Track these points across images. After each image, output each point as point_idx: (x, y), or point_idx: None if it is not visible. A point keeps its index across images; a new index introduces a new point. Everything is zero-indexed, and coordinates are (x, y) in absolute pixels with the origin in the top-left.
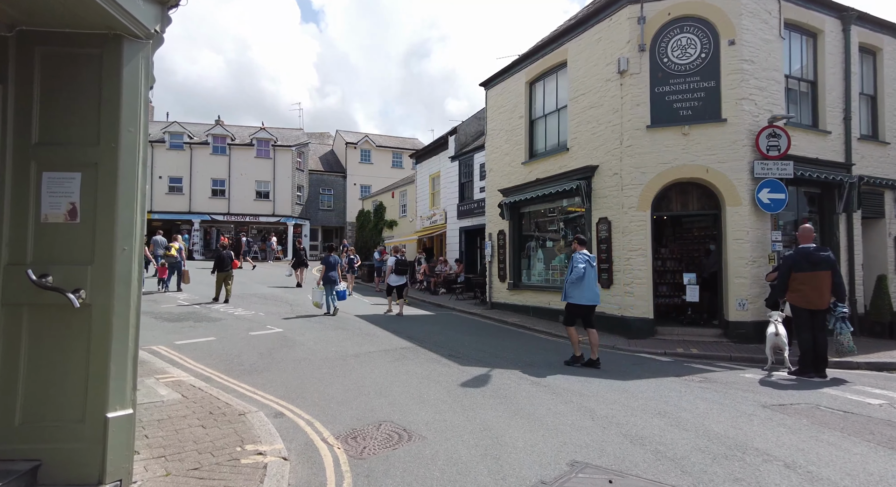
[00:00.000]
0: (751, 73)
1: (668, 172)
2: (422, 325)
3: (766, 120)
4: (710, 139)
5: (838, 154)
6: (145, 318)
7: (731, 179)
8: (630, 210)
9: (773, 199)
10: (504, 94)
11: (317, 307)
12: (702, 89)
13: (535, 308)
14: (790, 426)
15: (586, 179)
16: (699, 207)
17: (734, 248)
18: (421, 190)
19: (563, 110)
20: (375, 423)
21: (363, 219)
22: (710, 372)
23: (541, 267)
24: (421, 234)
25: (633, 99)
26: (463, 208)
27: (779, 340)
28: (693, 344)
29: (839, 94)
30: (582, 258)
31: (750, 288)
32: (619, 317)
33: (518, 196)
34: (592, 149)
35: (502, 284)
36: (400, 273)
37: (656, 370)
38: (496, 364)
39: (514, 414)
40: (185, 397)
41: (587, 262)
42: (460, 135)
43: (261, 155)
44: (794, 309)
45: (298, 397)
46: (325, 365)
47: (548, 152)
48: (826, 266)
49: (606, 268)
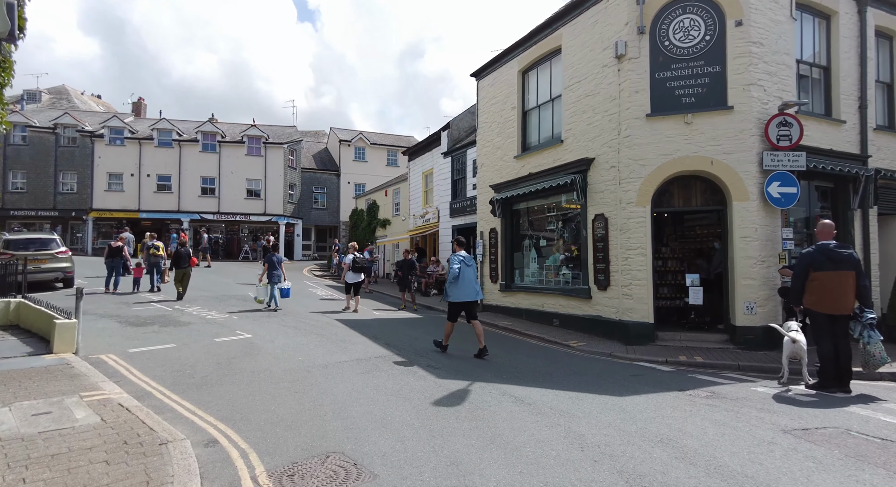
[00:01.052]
0: (759, 56)
1: (670, 165)
2: (405, 330)
3: (777, 107)
4: (715, 128)
5: (853, 145)
6: (108, 322)
7: (737, 172)
8: (628, 205)
9: (784, 194)
10: (496, 85)
11: (259, 303)
12: (706, 74)
13: (528, 311)
14: (820, 460)
15: (581, 173)
16: (703, 203)
17: (741, 247)
18: (414, 188)
19: (558, 100)
20: (322, 455)
21: (356, 217)
22: (718, 385)
23: (535, 268)
24: (413, 233)
25: (631, 85)
26: (456, 206)
27: (797, 348)
28: (697, 351)
29: (854, 81)
30: (457, 259)
31: (759, 290)
32: (617, 322)
33: (510, 192)
34: (588, 140)
35: (494, 286)
36: (357, 270)
37: (657, 382)
38: (478, 375)
39: (489, 443)
40: (104, 421)
41: (462, 263)
42: (453, 130)
43: (252, 152)
44: (813, 314)
45: (243, 419)
46: (285, 377)
47: (541, 145)
48: (850, 265)
49: (603, 269)
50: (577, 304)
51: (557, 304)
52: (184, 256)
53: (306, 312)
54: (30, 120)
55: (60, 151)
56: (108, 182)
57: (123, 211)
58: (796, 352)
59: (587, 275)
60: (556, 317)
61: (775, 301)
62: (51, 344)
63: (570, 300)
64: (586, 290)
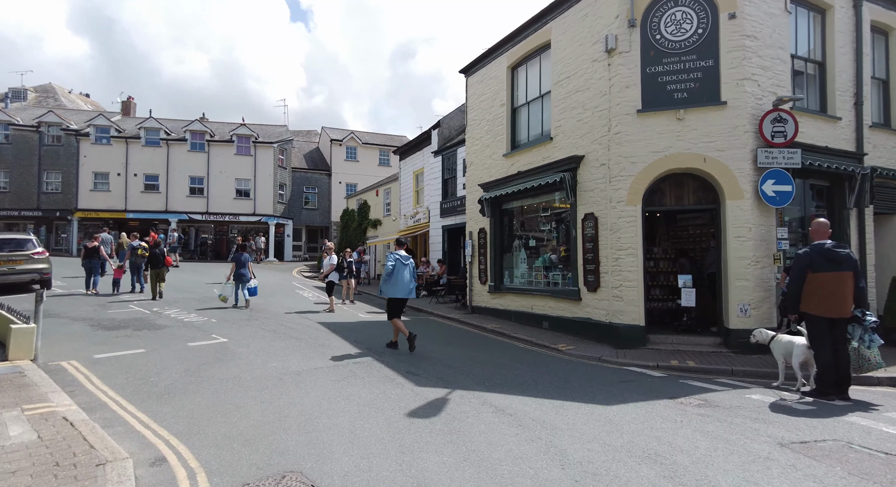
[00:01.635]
0: (753, 50)
1: (661, 162)
2: (389, 334)
3: (771, 103)
4: (708, 124)
5: (849, 142)
6: (80, 326)
7: (731, 169)
8: (619, 204)
9: (779, 192)
10: (485, 81)
11: (223, 301)
12: (699, 69)
13: (517, 313)
14: (821, 478)
15: (571, 171)
16: (695, 201)
17: (735, 247)
18: (405, 187)
19: (547, 96)
20: (278, 475)
21: (347, 218)
22: (710, 392)
23: (524, 269)
24: (404, 234)
25: (622, 80)
26: (446, 206)
27: (811, 354)
28: (689, 354)
29: (849, 77)
30: (392, 257)
31: (753, 291)
32: (608, 324)
33: (499, 190)
34: (578, 137)
35: (483, 287)
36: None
37: (647, 390)
38: (459, 383)
39: (462, 460)
40: (41, 438)
41: (398, 261)
42: (444, 129)
43: (241, 152)
44: (812, 319)
45: (199, 432)
46: (254, 385)
47: (531, 142)
48: (848, 265)
49: (593, 270)
50: (566, 306)
51: (547, 306)
52: (159, 256)
53: (288, 314)
54: (13, 118)
55: (45, 150)
56: (93, 181)
57: (109, 211)
58: (810, 358)
59: (577, 277)
60: (545, 320)
61: (770, 303)
62: (6, 351)
63: (560, 302)
64: (576, 292)
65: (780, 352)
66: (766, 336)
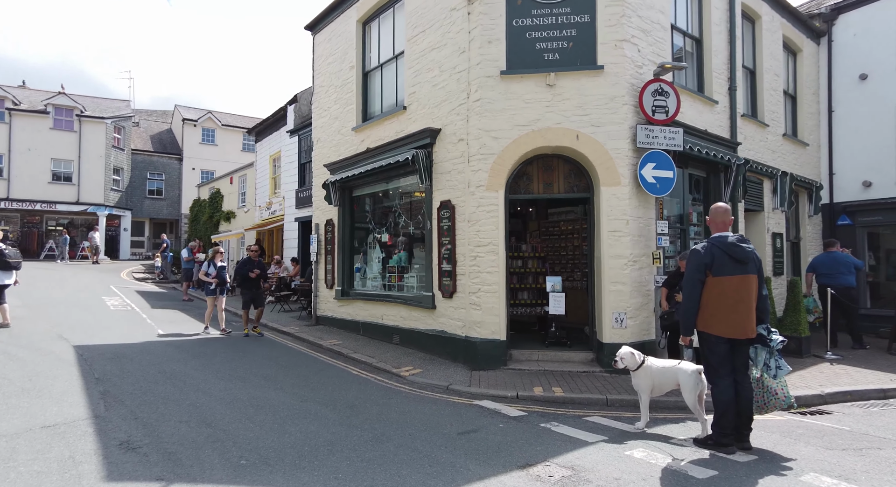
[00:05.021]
0: (633, 8)
1: (528, 138)
2: (167, 361)
3: (652, 72)
4: (583, 93)
5: (724, 129)
6: None
7: (607, 149)
8: (478, 189)
9: (660, 178)
10: (333, 40)
11: None
12: (573, 25)
13: (365, 324)
14: None
15: (425, 148)
16: (567, 188)
17: (610, 243)
18: (261, 174)
19: (402, 57)
20: None
21: (197, 209)
22: (580, 449)
23: (377, 270)
24: (259, 228)
25: (483, 33)
26: (302, 195)
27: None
28: (557, 376)
29: (724, 60)
30: None
31: (630, 297)
32: (463, 339)
33: (347, 172)
34: (434, 106)
35: (330, 292)
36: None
37: (494, 450)
38: (197, 463)
39: None
40: None
41: None
42: (301, 104)
43: (60, 126)
44: (708, 338)
45: None
46: None
47: (384, 114)
48: (754, 266)
49: (449, 271)
50: (420, 316)
51: (399, 316)
52: None
53: (51, 332)
54: None
55: None
56: None
57: None
58: (703, 391)
59: (431, 280)
60: (396, 333)
61: (648, 310)
62: None
63: (413, 311)
64: (430, 298)
65: (647, 384)
66: (633, 361)
